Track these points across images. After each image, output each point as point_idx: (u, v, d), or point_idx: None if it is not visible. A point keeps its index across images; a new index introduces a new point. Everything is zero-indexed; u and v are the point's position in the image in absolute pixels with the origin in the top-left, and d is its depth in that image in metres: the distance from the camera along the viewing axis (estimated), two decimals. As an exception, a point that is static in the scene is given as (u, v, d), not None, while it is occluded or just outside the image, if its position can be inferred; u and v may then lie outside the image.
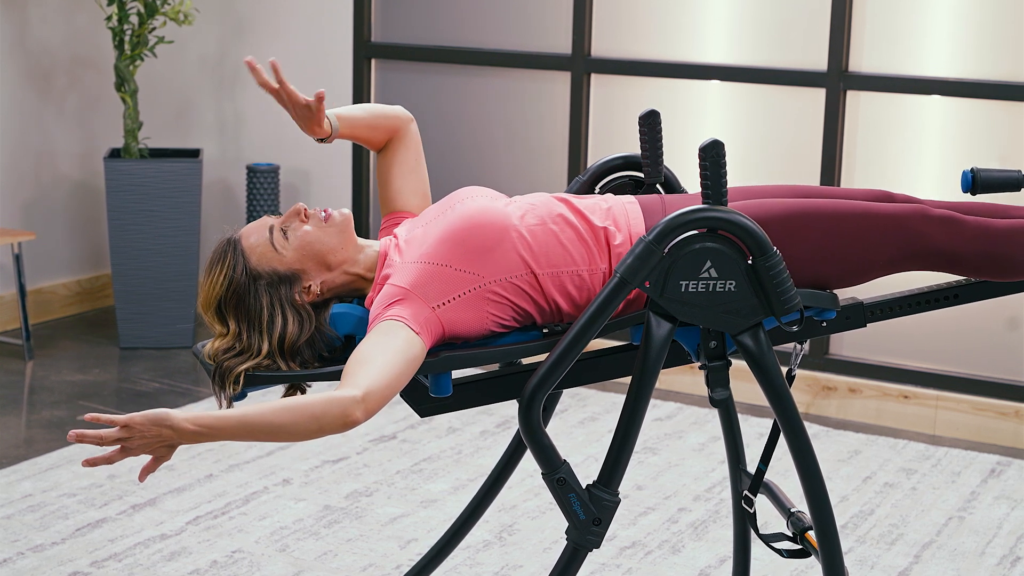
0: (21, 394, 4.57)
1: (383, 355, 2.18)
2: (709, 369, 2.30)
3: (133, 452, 2.14)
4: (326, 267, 2.40)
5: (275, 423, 2.12)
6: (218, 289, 2.35)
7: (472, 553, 3.39)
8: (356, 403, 2.12)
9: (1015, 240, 2.42)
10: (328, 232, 2.40)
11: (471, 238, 2.31)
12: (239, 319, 2.34)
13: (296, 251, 2.38)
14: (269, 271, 2.36)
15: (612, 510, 2.27)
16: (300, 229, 2.40)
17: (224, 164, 5.53)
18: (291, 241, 2.38)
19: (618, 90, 4.79)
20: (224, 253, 2.37)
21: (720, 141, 2.21)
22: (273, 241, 2.38)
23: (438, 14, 5.08)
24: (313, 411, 2.12)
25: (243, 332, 2.33)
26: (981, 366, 4.39)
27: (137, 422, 2.11)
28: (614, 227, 2.39)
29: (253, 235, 2.39)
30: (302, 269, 2.38)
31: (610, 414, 4.40)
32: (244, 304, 2.34)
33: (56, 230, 5.39)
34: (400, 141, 2.61)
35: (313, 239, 2.39)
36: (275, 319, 2.33)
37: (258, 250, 2.37)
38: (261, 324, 2.33)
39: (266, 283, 2.35)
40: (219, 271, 2.36)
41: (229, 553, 3.37)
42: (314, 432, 2.12)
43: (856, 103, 4.44)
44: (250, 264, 2.36)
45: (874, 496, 3.81)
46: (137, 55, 4.95)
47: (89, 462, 2.12)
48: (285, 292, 2.35)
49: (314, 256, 2.39)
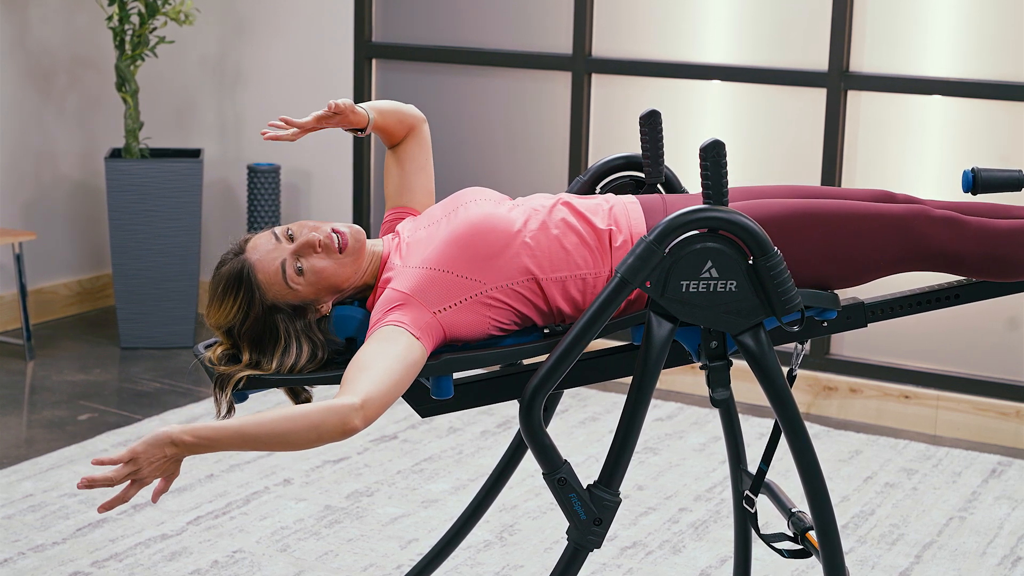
0: (22, 394, 4.57)
1: (382, 361, 2.18)
2: (710, 369, 2.30)
3: (146, 481, 2.11)
4: (339, 291, 2.39)
5: (273, 432, 2.11)
6: (232, 319, 2.33)
7: (473, 553, 3.39)
8: (355, 411, 2.11)
9: (1016, 240, 2.42)
10: (343, 263, 2.37)
11: (475, 245, 2.31)
12: (251, 347, 2.33)
13: (311, 286, 2.36)
14: (284, 304, 2.34)
15: (613, 510, 2.27)
16: (314, 262, 2.35)
17: (225, 164, 5.53)
18: (306, 277, 2.34)
19: (619, 90, 4.79)
20: (239, 282, 2.33)
21: (721, 141, 2.21)
22: (287, 280, 2.34)
23: (439, 14, 5.08)
24: (311, 420, 2.11)
25: (255, 356, 2.32)
26: (982, 366, 4.39)
27: (139, 451, 2.09)
28: (616, 228, 2.39)
29: (266, 267, 2.34)
30: (316, 299, 2.37)
31: (611, 414, 4.40)
32: (260, 337, 2.32)
33: (57, 230, 5.39)
34: (414, 138, 2.63)
35: (330, 274, 2.36)
36: (290, 349, 2.31)
37: (274, 288, 2.33)
38: (275, 351, 2.32)
39: (283, 316, 2.33)
40: (232, 302, 2.33)
41: (230, 553, 3.37)
42: (313, 441, 2.11)
43: (857, 103, 4.44)
44: (266, 298, 2.33)
45: (875, 496, 3.81)
46: (138, 55, 4.95)
47: (105, 507, 2.10)
48: (301, 324, 2.34)
49: (329, 288, 2.37)
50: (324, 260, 2.35)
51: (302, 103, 5.35)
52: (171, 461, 2.11)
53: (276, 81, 5.40)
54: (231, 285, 2.33)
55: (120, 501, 2.10)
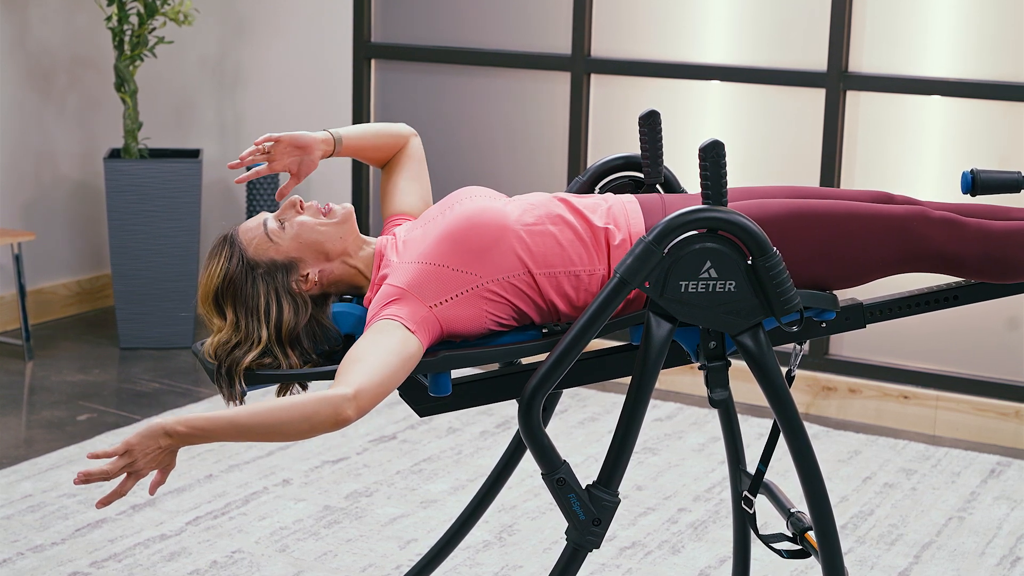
0: (21, 394, 4.57)
1: (376, 354, 2.18)
2: (708, 369, 2.30)
3: (142, 473, 2.12)
4: (324, 256, 2.40)
5: (266, 422, 2.11)
6: (215, 280, 2.35)
7: (472, 553, 3.39)
8: (347, 401, 2.12)
9: (1015, 242, 2.42)
10: (326, 224, 2.41)
11: (469, 238, 2.31)
12: (236, 308, 2.34)
13: (293, 240, 2.38)
14: (266, 260, 2.36)
15: (612, 510, 2.27)
16: (296, 219, 2.40)
17: (224, 164, 5.53)
18: (287, 231, 2.39)
19: (618, 90, 4.79)
20: (221, 246, 2.38)
21: (720, 141, 2.21)
22: (268, 231, 2.38)
23: (438, 14, 5.08)
24: (304, 410, 2.11)
25: (241, 321, 2.33)
26: (981, 366, 4.39)
27: (134, 443, 2.10)
28: (614, 227, 2.39)
29: (250, 228, 2.40)
30: (299, 258, 2.38)
31: (610, 414, 4.40)
32: (241, 293, 2.34)
33: (56, 230, 5.39)
34: (402, 153, 2.66)
35: (310, 228, 2.39)
36: (271, 306, 2.33)
37: (255, 241, 2.38)
38: (258, 311, 2.32)
39: (263, 272, 2.35)
40: (216, 263, 2.36)
41: (229, 553, 3.37)
42: (306, 431, 2.12)
43: (856, 103, 4.44)
44: (247, 254, 2.36)
45: (874, 496, 3.81)
46: (137, 55, 4.95)
47: (103, 502, 2.11)
48: (282, 279, 2.36)
49: (311, 245, 2.39)
50: (306, 217, 2.40)
51: (301, 104, 5.35)
52: (166, 452, 2.12)
53: (275, 81, 5.40)
54: (215, 247, 2.39)
55: (118, 495, 2.11)
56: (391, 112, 5.19)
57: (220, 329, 2.35)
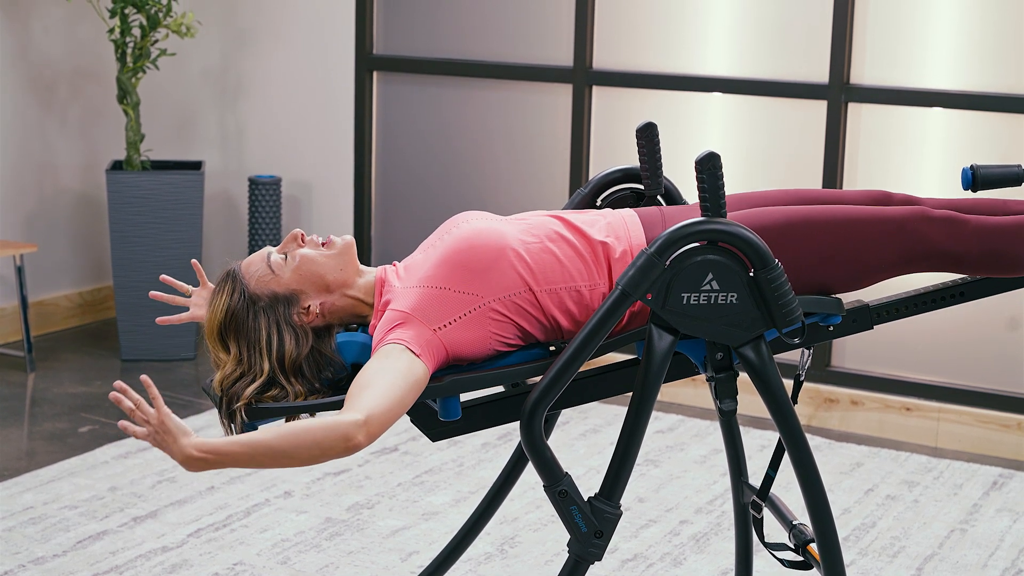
0: (23, 406, 4.57)
1: (385, 379, 2.19)
2: (716, 380, 2.30)
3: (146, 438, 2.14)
4: (325, 288, 2.41)
5: (277, 448, 2.12)
6: (219, 316, 2.38)
7: (474, 566, 3.38)
8: (358, 427, 2.13)
9: (1016, 236, 2.43)
10: (327, 256, 2.42)
11: (469, 259, 2.32)
12: (239, 342, 2.36)
13: (294, 272, 2.40)
14: (267, 294, 2.38)
15: (614, 522, 2.27)
16: (297, 252, 2.42)
17: (226, 176, 5.54)
18: (288, 263, 2.40)
19: (620, 102, 4.79)
20: (224, 282, 2.41)
21: (716, 153, 2.21)
22: (271, 263, 2.40)
23: (440, 26, 5.09)
24: (315, 436, 2.12)
25: (243, 354, 2.35)
26: (983, 378, 4.39)
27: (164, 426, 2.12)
28: (614, 240, 2.39)
29: (253, 262, 2.42)
30: (300, 290, 2.39)
31: (612, 426, 4.40)
32: (243, 327, 2.36)
33: (58, 242, 5.39)
34: None
35: (310, 260, 2.41)
36: (272, 338, 2.35)
37: (257, 275, 2.40)
38: (260, 344, 2.34)
39: (264, 305, 2.37)
40: (219, 299, 2.39)
41: (230, 566, 3.36)
42: (317, 457, 2.13)
43: (857, 115, 4.45)
44: (249, 289, 2.39)
45: (876, 508, 3.81)
46: (139, 67, 4.96)
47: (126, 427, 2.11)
48: (283, 312, 2.37)
49: (311, 277, 2.40)
50: (307, 250, 2.42)
51: (303, 115, 5.36)
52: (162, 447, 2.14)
53: (277, 93, 5.41)
54: (219, 284, 2.41)
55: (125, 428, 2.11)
56: (393, 124, 5.20)
57: (225, 363, 2.36)
